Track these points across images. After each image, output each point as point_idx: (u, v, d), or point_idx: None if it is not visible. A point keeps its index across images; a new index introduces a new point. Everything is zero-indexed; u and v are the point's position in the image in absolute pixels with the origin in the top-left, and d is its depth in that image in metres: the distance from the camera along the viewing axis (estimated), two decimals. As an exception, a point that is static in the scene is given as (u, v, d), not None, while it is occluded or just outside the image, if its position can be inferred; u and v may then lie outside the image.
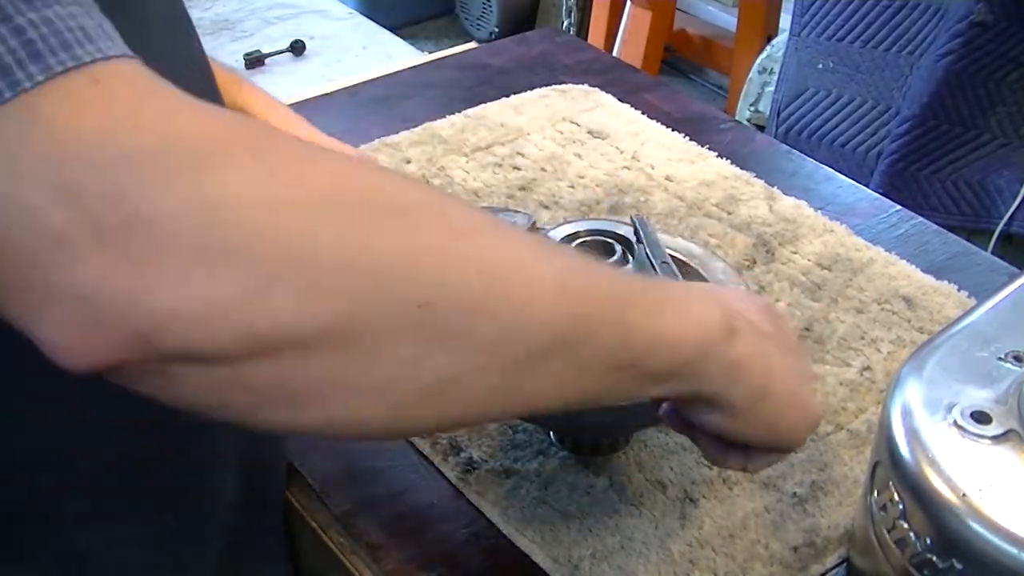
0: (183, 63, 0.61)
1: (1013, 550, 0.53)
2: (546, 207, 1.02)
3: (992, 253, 1.16)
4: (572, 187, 1.05)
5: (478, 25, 3.22)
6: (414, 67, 1.30)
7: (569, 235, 0.74)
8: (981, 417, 0.58)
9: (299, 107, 1.20)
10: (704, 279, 0.77)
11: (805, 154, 1.14)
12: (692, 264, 0.77)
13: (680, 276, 0.70)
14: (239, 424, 0.40)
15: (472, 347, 0.41)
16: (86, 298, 0.34)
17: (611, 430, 0.74)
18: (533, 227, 0.77)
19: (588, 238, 0.74)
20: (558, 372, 0.44)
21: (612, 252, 0.72)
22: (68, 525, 0.59)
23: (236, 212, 0.35)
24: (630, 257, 0.72)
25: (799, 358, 0.58)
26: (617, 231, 0.74)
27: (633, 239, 0.73)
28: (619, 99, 1.19)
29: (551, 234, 0.74)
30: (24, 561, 0.58)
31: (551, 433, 0.77)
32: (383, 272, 0.38)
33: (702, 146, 1.12)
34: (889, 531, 0.60)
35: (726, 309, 0.52)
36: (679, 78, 2.97)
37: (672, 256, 0.74)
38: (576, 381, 0.46)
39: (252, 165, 0.37)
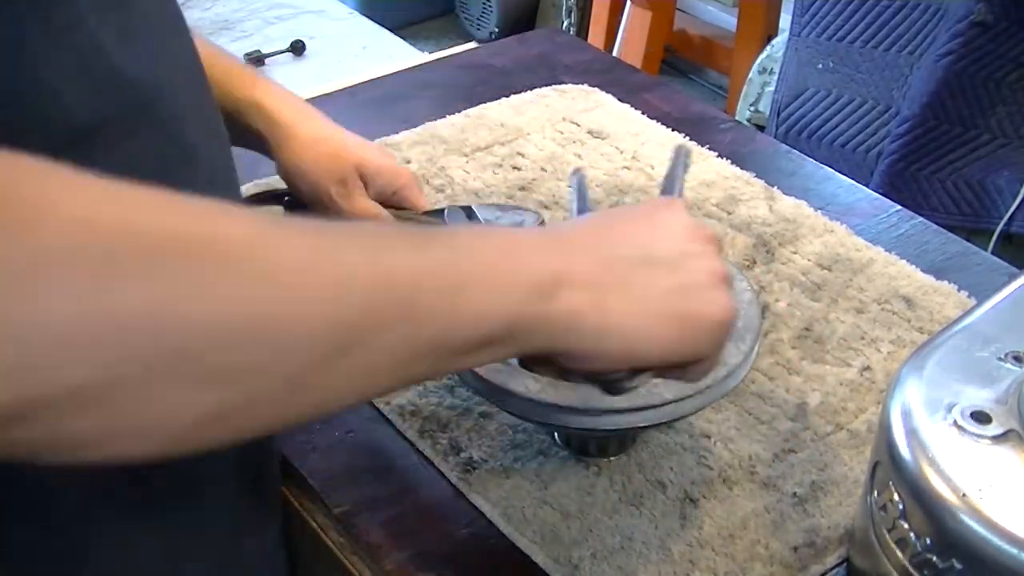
0: (179, 65, 0.61)
1: (1013, 550, 0.53)
2: (546, 207, 1.02)
3: (992, 253, 1.16)
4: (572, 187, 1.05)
5: (478, 25, 3.22)
6: (414, 67, 1.30)
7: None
8: (981, 417, 0.58)
9: (299, 107, 1.20)
10: None
11: (805, 154, 1.14)
12: None
13: None
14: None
15: (238, 378, 0.40)
16: None
17: (621, 432, 0.74)
18: (541, 224, 0.77)
19: None
20: (348, 371, 0.43)
21: None
22: (69, 520, 0.59)
23: None
24: None
25: (674, 271, 0.55)
26: None
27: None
28: (619, 99, 1.19)
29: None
30: (26, 557, 0.58)
31: (555, 435, 0.77)
32: (130, 327, 0.37)
33: (702, 146, 1.12)
34: (889, 531, 0.60)
35: (554, 258, 0.51)
36: (679, 78, 2.97)
37: None
38: (373, 375, 0.45)
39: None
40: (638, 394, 0.68)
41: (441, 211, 0.78)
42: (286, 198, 0.86)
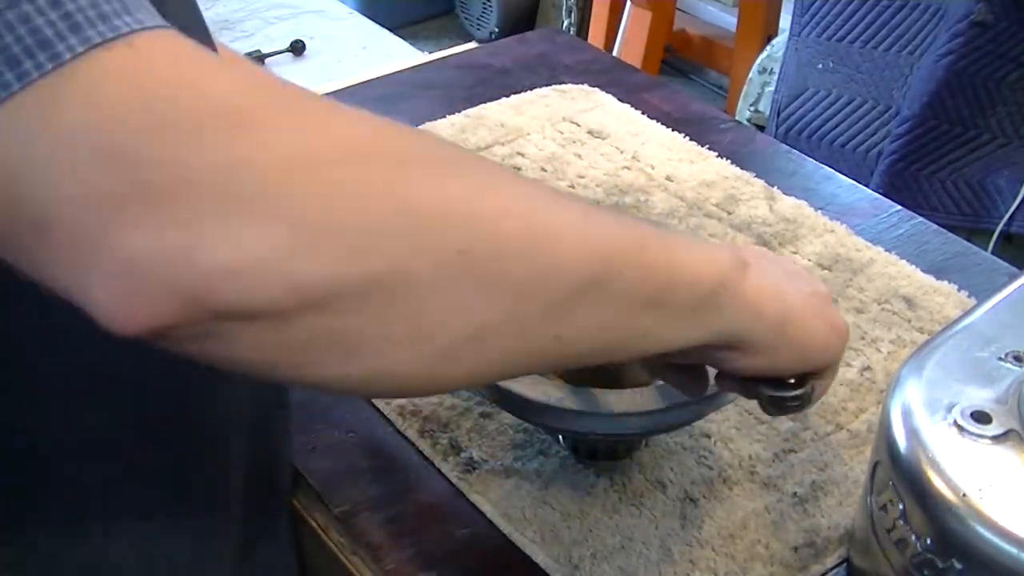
0: None
1: (1013, 550, 0.53)
2: (546, 207, 1.02)
3: (992, 253, 1.16)
4: (572, 187, 1.05)
5: (478, 25, 3.22)
6: (414, 67, 1.30)
7: None
8: (981, 417, 0.58)
9: (299, 107, 1.20)
10: None
11: (805, 154, 1.14)
12: None
13: None
14: (283, 382, 0.41)
15: (509, 290, 0.42)
16: (134, 260, 0.35)
17: (628, 437, 0.74)
18: None
19: None
20: (591, 314, 0.46)
21: None
22: (81, 499, 0.59)
23: (276, 170, 0.37)
24: None
25: (811, 278, 0.61)
26: None
27: None
28: (619, 99, 1.19)
29: None
30: (34, 535, 0.58)
31: (561, 438, 0.77)
32: (423, 224, 0.40)
33: (702, 146, 1.12)
34: (889, 531, 0.60)
35: (733, 248, 0.56)
36: (679, 78, 2.97)
37: None
38: (608, 323, 0.47)
39: (288, 123, 0.38)
40: (663, 394, 0.67)
41: None
42: None
